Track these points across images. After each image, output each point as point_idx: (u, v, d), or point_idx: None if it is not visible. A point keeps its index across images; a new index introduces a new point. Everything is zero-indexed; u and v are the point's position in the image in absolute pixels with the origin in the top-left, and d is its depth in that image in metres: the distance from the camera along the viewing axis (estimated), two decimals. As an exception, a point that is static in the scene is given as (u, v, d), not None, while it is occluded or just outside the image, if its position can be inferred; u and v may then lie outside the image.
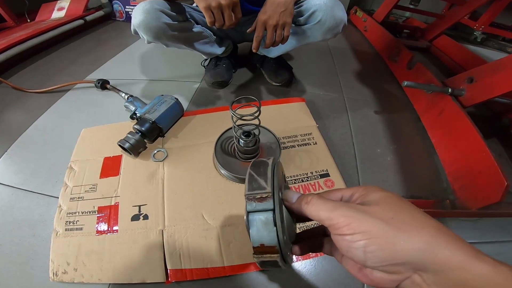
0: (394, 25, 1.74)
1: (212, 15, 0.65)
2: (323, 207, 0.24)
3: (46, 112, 0.92)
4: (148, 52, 1.33)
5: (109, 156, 0.72)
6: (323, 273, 0.55)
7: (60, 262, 0.54)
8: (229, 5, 0.65)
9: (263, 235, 0.25)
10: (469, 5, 1.35)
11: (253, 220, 0.26)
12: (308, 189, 0.66)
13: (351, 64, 1.33)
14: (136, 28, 0.71)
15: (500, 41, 1.90)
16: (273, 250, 0.26)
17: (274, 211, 0.25)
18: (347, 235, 0.21)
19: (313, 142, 0.76)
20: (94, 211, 0.62)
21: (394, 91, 1.12)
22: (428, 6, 1.92)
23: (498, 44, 1.89)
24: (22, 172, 0.72)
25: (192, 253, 0.55)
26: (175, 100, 0.79)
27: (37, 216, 0.63)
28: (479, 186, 0.65)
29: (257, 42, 0.73)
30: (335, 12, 0.72)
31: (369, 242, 0.20)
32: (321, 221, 0.24)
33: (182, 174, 0.68)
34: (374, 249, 0.20)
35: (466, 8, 1.37)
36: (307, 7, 0.75)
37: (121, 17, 1.82)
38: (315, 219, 0.25)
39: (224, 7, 0.65)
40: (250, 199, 0.26)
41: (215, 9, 0.64)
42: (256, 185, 0.27)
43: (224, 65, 1.03)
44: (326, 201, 0.24)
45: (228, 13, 0.66)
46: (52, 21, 1.53)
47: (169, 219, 0.60)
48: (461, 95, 0.82)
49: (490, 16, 1.71)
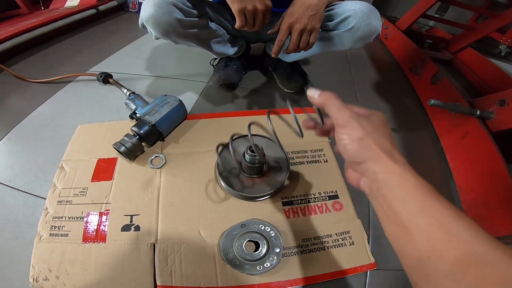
0: (417, 34, 1.67)
1: (244, 19, 0.62)
2: (334, 103, 0.31)
3: (44, 103, 0.89)
4: (157, 46, 1.30)
5: (103, 158, 0.68)
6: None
7: (41, 268, 0.51)
8: (264, 11, 0.62)
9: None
10: (502, 18, 1.27)
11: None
12: (315, 211, 0.62)
13: (368, 74, 1.28)
14: (144, 22, 0.67)
15: (525, 56, 1.83)
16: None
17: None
18: (341, 132, 0.29)
19: (324, 160, 0.72)
20: (82, 217, 0.58)
21: (413, 106, 1.06)
22: (454, 16, 1.85)
23: (522, 59, 1.81)
24: (11, 168, 0.69)
25: (184, 271, 0.52)
26: (178, 102, 0.74)
27: (22, 217, 0.60)
28: (495, 218, 0.61)
29: (279, 46, 0.67)
30: (371, 20, 0.68)
31: (349, 143, 0.29)
32: (331, 116, 0.31)
33: (180, 184, 0.65)
34: (350, 149, 0.29)
35: (499, 21, 1.29)
36: (339, 11, 0.70)
37: (134, 8, 1.80)
38: (328, 113, 0.32)
39: (259, 12, 0.62)
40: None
41: (249, 13, 0.61)
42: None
43: (234, 66, 0.98)
44: (337, 100, 0.31)
45: (260, 19, 0.64)
46: (65, 10, 1.51)
47: (162, 232, 0.57)
48: (490, 118, 0.76)
49: (520, 29, 1.63)
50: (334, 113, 0.30)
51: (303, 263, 0.54)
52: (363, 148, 0.28)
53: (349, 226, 0.60)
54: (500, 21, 1.29)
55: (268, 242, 0.55)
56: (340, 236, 0.59)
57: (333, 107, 0.31)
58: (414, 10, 1.53)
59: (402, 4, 2.24)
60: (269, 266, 0.52)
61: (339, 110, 0.30)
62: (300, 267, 0.54)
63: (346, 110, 0.30)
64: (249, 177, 0.63)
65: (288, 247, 0.56)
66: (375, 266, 0.55)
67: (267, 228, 0.57)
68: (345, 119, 0.29)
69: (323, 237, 0.58)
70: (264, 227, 0.57)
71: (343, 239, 0.58)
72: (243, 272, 0.52)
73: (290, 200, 0.63)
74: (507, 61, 1.81)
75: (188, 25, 0.69)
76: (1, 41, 1.10)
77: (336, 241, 0.58)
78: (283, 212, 0.61)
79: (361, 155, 0.28)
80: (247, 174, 0.64)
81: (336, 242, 0.58)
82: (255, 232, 0.56)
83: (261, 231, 0.56)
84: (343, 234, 0.59)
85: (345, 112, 0.30)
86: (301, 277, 0.53)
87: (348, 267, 0.55)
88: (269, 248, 0.54)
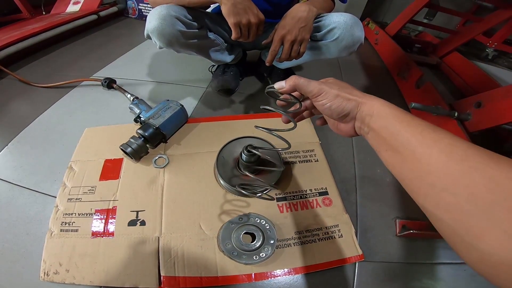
0: (406, 39, 1.72)
1: (239, 32, 0.67)
2: (301, 81, 0.36)
3: (50, 107, 0.92)
4: (157, 53, 1.33)
5: (110, 159, 0.72)
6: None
7: (52, 262, 0.54)
8: (257, 24, 0.67)
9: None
10: (486, 22, 1.32)
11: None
12: (306, 206, 0.66)
13: (359, 78, 1.33)
14: (149, 33, 0.71)
15: (511, 59, 1.88)
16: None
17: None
18: (319, 100, 0.34)
19: (315, 159, 0.76)
20: (91, 213, 0.61)
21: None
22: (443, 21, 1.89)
23: (508, 62, 1.86)
24: (21, 168, 0.72)
25: (186, 262, 0.55)
26: (180, 107, 0.79)
27: (33, 214, 0.63)
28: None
29: (272, 56, 0.72)
30: (354, 31, 0.72)
31: (331, 103, 0.34)
32: (305, 92, 0.36)
33: (182, 183, 0.68)
34: (334, 107, 0.33)
35: (483, 25, 1.34)
36: (325, 23, 0.74)
37: (134, 14, 1.83)
38: (301, 91, 0.37)
39: (253, 25, 0.67)
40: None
41: (244, 26, 0.66)
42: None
43: (231, 72, 1.03)
44: (302, 78, 0.36)
45: (254, 31, 0.68)
46: (66, 15, 1.54)
47: (166, 226, 0.60)
48: (467, 119, 0.81)
49: (505, 32, 1.68)
50: (306, 87, 0.35)
51: (296, 254, 0.58)
52: (343, 101, 0.33)
53: (338, 220, 0.64)
54: (484, 25, 1.34)
55: (263, 234, 0.59)
56: (329, 229, 0.62)
57: (302, 84, 0.35)
58: (402, 16, 1.58)
59: (392, 10, 2.28)
60: (264, 256, 0.55)
61: (309, 84, 0.35)
62: (293, 257, 0.57)
63: (314, 82, 0.35)
64: (245, 175, 0.67)
65: (282, 239, 0.59)
66: (362, 258, 0.59)
67: (263, 221, 0.61)
68: (317, 87, 0.34)
69: (314, 230, 0.62)
70: (260, 220, 0.61)
71: (332, 232, 0.62)
72: (241, 261, 0.55)
73: (283, 196, 0.67)
74: (494, 64, 1.85)
75: (189, 36, 0.73)
76: (6, 46, 1.11)
77: (326, 234, 0.61)
78: (277, 207, 0.65)
79: (345, 106, 0.33)
80: (244, 172, 0.67)
81: (326, 235, 0.61)
82: (252, 225, 0.60)
83: (257, 224, 0.60)
84: (333, 228, 0.62)
85: (313, 83, 0.35)
86: (294, 267, 0.56)
87: (337, 258, 0.58)
88: (265, 239, 0.58)
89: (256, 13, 0.66)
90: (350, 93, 0.33)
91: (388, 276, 0.60)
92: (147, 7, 1.77)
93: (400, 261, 0.62)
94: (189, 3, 0.71)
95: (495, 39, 1.75)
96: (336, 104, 0.33)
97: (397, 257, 0.62)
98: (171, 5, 0.69)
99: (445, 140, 0.24)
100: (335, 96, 0.33)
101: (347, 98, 0.33)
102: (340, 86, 0.35)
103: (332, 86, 0.34)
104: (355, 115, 0.33)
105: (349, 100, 0.33)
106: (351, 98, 0.33)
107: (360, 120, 0.33)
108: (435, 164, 0.23)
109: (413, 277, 0.60)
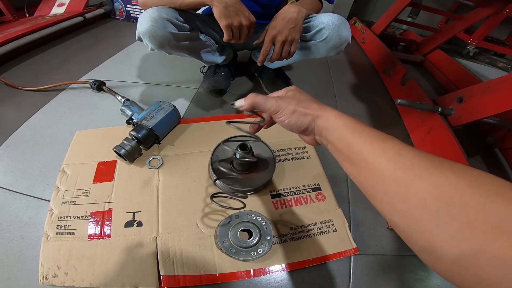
0: (391, 38, 1.77)
1: (231, 34, 0.68)
2: (259, 99, 0.36)
3: (39, 111, 0.91)
4: (147, 54, 1.32)
5: (103, 161, 0.72)
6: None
7: (50, 266, 0.54)
8: (248, 26, 0.68)
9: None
10: (466, 20, 1.38)
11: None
12: (300, 202, 0.68)
13: (347, 76, 1.36)
14: (141, 36, 0.70)
15: (492, 56, 1.94)
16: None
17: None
18: (277, 116, 0.35)
19: (307, 156, 0.78)
20: (87, 216, 0.61)
21: (387, 105, 1.14)
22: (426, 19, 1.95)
23: (489, 58, 1.93)
24: (12, 173, 0.71)
25: (185, 260, 0.56)
26: (172, 108, 0.79)
27: (27, 219, 0.62)
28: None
29: (264, 56, 0.74)
30: (341, 31, 0.74)
31: (289, 120, 0.34)
32: (263, 110, 0.37)
33: (177, 183, 0.69)
34: (292, 123, 0.34)
35: (463, 23, 1.40)
36: (314, 24, 0.76)
37: (121, 15, 1.80)
38: (259, 108, 0.37)
39: (244, 27, 0.68)
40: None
41: (236, 28, 0.67)
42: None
43: (223, 73, 1.03)
44: (259, 96, 0.37)
45: (246, 33, 0.69)
46: (51, 17, 1.49)
47: (163, 226, 0.60)
48: (450, 114, 0.84)
49: (485, 30, 1.74)
50: (264, 105, 0.36)
51: (292, 249, 0.59)
52: (300, 116, 0.34)
53: (332, 215, 0.66)
54: (464, 23, 1.40)
55: (260, 231, 0.60)
56: (324, 224, 0.64)
57: (260, 102, 0.36)
58: (387, 15, 1.62)
59: (378, 9, 2.33)
60: (262, 252, 0.57)
61: (266, 102, 0.36)
62: (289, 253, 0.59)
63: (271, 99, 0.36)
64: (240, 173, 0.68)
65: (278, 235, 0.61)
66: (357, 251, 0.61)
67: (259, 218, 0.62)
68: (274, 105, 0.35)
69: (309, 225, 0.63)
70: (256, 217, 0.62)
71: (326, 226, 0.64)
72: (239, 258, 0.56)
73: (278, 193, 0.69)
74: (475, 60, 1.92)
75: (181, 38, 0.74)
76: (-10, 49, 1.07)
77: (321, 228, 0.63)
78: (272, 203, 0.67)
79: (302, 122, 0.34)
80: (238, 170, 0.68)
81: (321, 229, 0.63)
82: (248, 222, 0.61)
83: (253, 221, 0.62)
84: (327, 222, 0.64)
85: (271, 101, 0.36)
86: (291, 262, 0.58)
87: (333, 252, 0.60)
88: (261, 236, 0.59)
89: (247, 15, 0.68)
90: (307, 107, 0.34)
91: (382, 268, 0.61)
92: (135, 8, 1.74)
93: (393, 254, 0.64)
94: (181, 5, 0.71)
95: (476, 36, 1.81)
96: (293, 120, 0.34)
97: (390, 249, 0.64)
98: (162, 7, 0.69)
99: (393, 149, 0.25)
100: (292, 112, 0.34)
101: (304, 114, 0.34)
102: (298, 100, 0.35)
103: (289, 101, 0.35)
104: (313, 129, 0.34)
105: (305, 115, 0.34)
106: (308, 113, 0.34)
107: (318, 133, 0.34)
108: (385, 173, 0.24)
109: (407, 268, 0.62)
